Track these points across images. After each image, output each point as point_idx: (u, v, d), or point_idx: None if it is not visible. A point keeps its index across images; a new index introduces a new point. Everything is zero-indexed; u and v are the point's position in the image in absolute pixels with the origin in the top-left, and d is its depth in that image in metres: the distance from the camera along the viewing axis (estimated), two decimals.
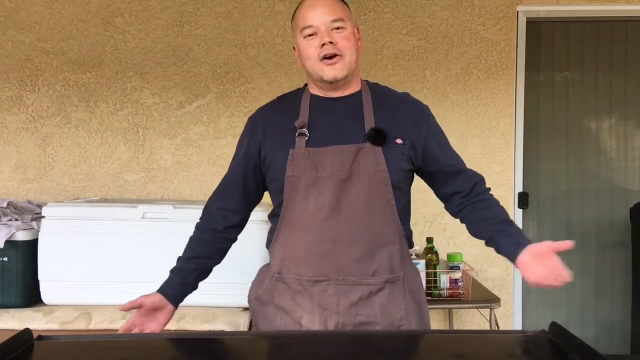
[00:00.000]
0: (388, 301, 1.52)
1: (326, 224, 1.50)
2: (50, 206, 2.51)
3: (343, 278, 1.51)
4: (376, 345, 1.20)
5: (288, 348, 1.18)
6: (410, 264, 1.62)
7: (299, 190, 1.52)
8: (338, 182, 1.49)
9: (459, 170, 1.60)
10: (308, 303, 1.54)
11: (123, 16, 3.15)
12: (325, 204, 1.50)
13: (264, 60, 3.16)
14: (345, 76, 1.53)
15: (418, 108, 1.60)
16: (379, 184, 1.49)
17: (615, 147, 3.34)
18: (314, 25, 1.51)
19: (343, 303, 1.51)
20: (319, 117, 1.56)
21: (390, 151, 1.50)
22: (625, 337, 3.30)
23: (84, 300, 2.46)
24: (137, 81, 3.15)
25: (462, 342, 1.20)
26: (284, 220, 1.56)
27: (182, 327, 2.31)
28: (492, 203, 1.58)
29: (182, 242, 2.46)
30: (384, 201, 1.51)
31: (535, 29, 3.29)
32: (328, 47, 1.49)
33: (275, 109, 1.65)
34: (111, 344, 1.16)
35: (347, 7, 1.58)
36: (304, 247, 1.53)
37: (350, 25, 1.54)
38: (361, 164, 1.49)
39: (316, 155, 1.50)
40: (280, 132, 1.56)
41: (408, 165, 1.54)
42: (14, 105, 3.14)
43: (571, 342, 1.06)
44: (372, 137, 1.49)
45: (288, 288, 1.57)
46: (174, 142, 3.16)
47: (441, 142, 1.60)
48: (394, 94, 1.63)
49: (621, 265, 3.32)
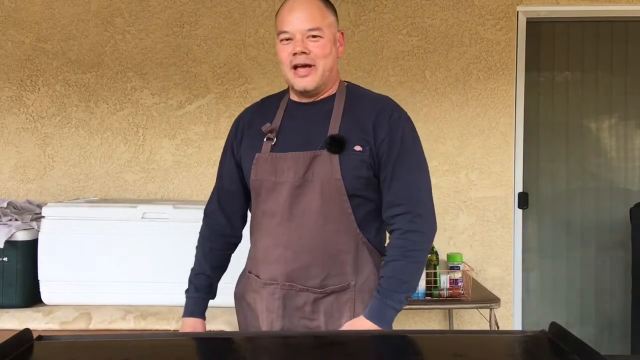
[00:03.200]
0: (333, 307, 1.52)
1: (279, 229, 1.51)
2: (50, 206, 2.51)
3: (290, 284, 1.52)
4: (375, 345, 1.20)
5: (288, 348, 1.18)
6: (372, 271, 1.53)
7: (260, 194, 1.55)
8: (292, 189, 1.49)
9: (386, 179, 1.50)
10: (261, 304, 1.57)
11: (123, 16, 3.15)
12: (280, 210, 1.51)
13: (264, 60, 3.16)
14: (316, 87, 1.52)
15: (387, 113, 1.52)
16: (332, 192, 1.47)
17: (615, 147, 3.34)
18: (289, 31, 1.49)
19: (288, 307, 1.52)
20: (289, 121, 1.57)
21: (348, 159, 1.47)
22: (625, 337, 3.30)
23: (84, 300, 2.46)
24: (137, 81, 3.15)
25: (462, 342, 1.20)
26: (252, 222, 1.62)
27: None
28: (393, 256, 1.48)
29: (182, 242, 2.47)
30: (339, 210, 1.48)
31: (535, 29, 3.29)
32: (300, 57, 1.48)
33: (256, 111, 1.67)
34: (111, 344, 1.16)
35: (330, 13, 1.54)
36: (261, 249, 1.57)
37: (330, 33, 1.51)
38: (315, 172, 1.48)
39: (277, 161, 1.52)
40: (253, 135, 1.59)
41: (367, 173, 1.49)
42: (14, 106, 3.14)
43: (571, 342, 1.06)
44: (329, 145, 1.47)
45: (251, 287, 1.62)
46: (173, 142, 3.16)
47: (397, 153, 1.49)
48: (368, 97, 1.59)
49: (621, 265, 3.32)
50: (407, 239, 1.47)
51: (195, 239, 2.47)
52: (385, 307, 1.44)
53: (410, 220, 1.47)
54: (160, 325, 2.33)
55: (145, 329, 2.31)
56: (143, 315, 2.37)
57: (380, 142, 1.49)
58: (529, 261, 3.33)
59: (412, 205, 1.48)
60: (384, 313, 1.44)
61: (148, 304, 2.46)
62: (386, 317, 1.44)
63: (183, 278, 2.47)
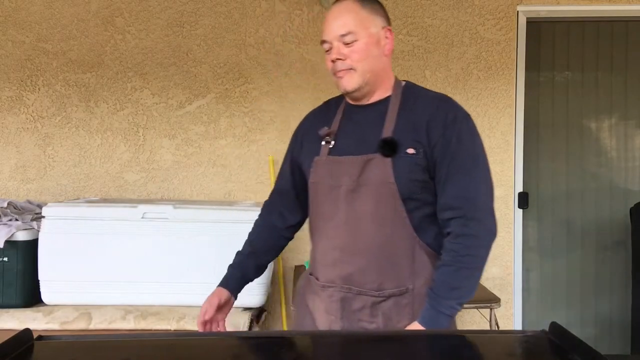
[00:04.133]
0: (392, 311, 1.50)
1: (335, 232, 1.52)
2: (50, 206, 2.51)
3: (348, 287, 1.51)
4: (374, 345, 1.20)
5: (288, 348, 1.18)
6: (431, 275, 1.49)
7: (318, 197, 1.57)
8: (347, 193, 1.50)
9: (440, 181, 1.47)
10: (320, 305, 1.58)
11: (123, 16, 3.15)
12: (336, 213, 1.52)
13: (264, 60, 3.16)
14: (358, 88, 1.52)
15: (442, 112, 1.48)
16: (386, 196, 1.46)
17: (615, 147, 3.34)
18: (327, 40, 1.52)
19: (347, 310, 1.52)
20: (346, 125, 1.58)
21: (401, 162, 1.45)
22: (625, 337, 3.31)
23: (84, 300, 2.46)
24: (137, 81, 3.15)
25: (462, 342, 1.20)
26: (310, 224, 1.65)
27: (182, 327, 2.31)
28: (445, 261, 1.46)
29: (182, 242, 2.48)
30: (393, 213, 1.46)
31: (535, 29, 3.29)
32: (337, 63, 1.51)
33: (317, 115, 1.69)
34: (111, 344, 1.16)
35: (368, 13, 1.51)
36: (319, 251, 1.58)
37: (366, 35, 1.49)
38: (369, 176, 1.47)
39: (333, 164, 1.53)
40: (313, 139, 1.60)
41: (423, 175, 1.46)
42: (14, 105, 3.15)
43: (571, 342, 1.06)
44: (381, 148, 1.46)
45: (311, 288, 1.63)
46: (174, 142, 3.16)
47: (452, 155, 1.45)
48: (424, 97, 1.55)
49: (621, 265, 3.32)
50: (459, 244, 1.43)
51: (195, 238, 2.48)
52: (436, 313, 1.41)
53: (463, 224, 1.43)
54: (160, 325, 2.33)
55: (145, 329, 2.31)
56: (143, 315, 2.37)
57: (435, 144, 1.45)
58: (529, 261, 3.33)
59: (466, 208, 1.44)
60: (435, 319, 1.41)
61: (148, 304, 2.46)
62: (438, 323, 1.40)
63: (183, 278, 2.48)
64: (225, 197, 3.16)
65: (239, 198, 3.16)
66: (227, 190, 3.16)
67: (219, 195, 3.16)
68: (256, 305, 2.54)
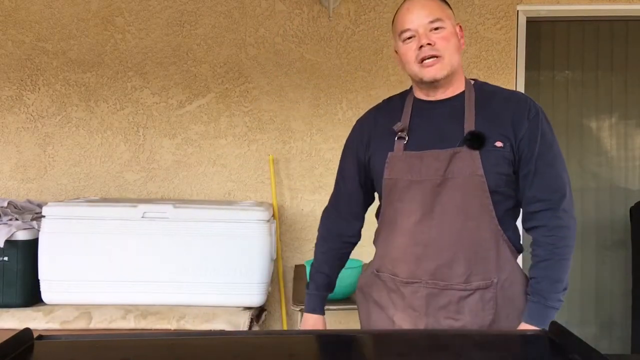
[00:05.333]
0: (477, 307, 1.50)
1: (419, 227, 1.51)
2: (50, 206, 2.51)
3: (434, 282, 1.51)
4: (372, 345, 1.20)
5: (288, 348, 1.18)
6: (513, 269, 1.53)
7: (395, 193, 1.55)
8: (432, 187, 1.49)
9: (529, 173, 1.48)
10: (401, 302, 1.56)
11: (123, 16, 3.15)
12: (419, 208, 1.51)
13: (264, 59, 3.16)
14: (446, 76, 1.51)
15: (523, 107, 1.51)
16: (474, 189, 1.46)
17: (615, 146, 3.34)
18: (411, 29, 1.51)
19: (432, 306, 1.52)
20: (419, 120, 1.57)
21: (489, 155, 1.46)
22: (625, 337, 3.31)
23: (84, 300, 2.47)
24: (137, 81, 3.15)
25: (462, 342, 1.20)
26: (384, 221, 1.61)
27: (182, 327, 2.31)
28: (542, 256, 1.48)
29: (183, 241, 2.48)
30: (480, 207, 1.47)
31: (536, 28, 3.29)
32: (426, 48, 1.49)
33: (381, 111, 1.67)
34: (111, 344, 1.16)
35: (447, 6, 1.55)
36: (399, 248, 1.56)
37: (451, 24, 1.52)
38: (456, 169, 1.47)
39: (412, 159, 1.52)
40: (382, 135, 1.59)
41: (509, 169, 1.48)
42: (14, 105, 3.14)
43: (571, 342, 1.06)
44: (469, 141, 1.46)
45: (384, 285, 1.61)
46: (174, 141, 3.16)
47: (538, 149, 1.48)
48: (500, 93, 1.58)
49: (621, 265, 3.32)
50: (555, 236, 1.46)
51: (195, 238, 2.49)
52: (544, 309, 1.43)
53: (554, 215, 1.46)
54: (160, 325, 2.33)
55: (145, 328, 2.31)
56: (143, 315, 2.37)
57: (521, 139, 1.47)
58: (529, 261, 3.32)
59: (556, 200, 1.47)
60: (544, 315, 1.42)
61: (148, 304, 2.47)
62: (548, 318, 1.40)
63: (183, 278, 2.48)
64: (225, 196, 3.16)
65: (239, 197, 3.16)
66: (227, 190, 3.16)
67: (219, 194, 3.16)
68: (256, 305, 2.54)
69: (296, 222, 3.16)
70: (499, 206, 1.49)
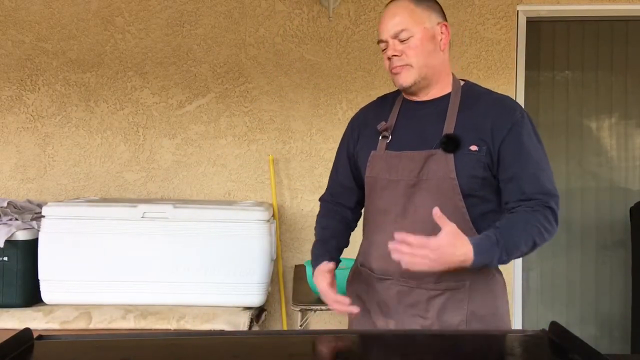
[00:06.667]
0: (446, 307, 1.51)
1: (393, 226, 1.51)
2: (50, 206, 2.51)
3: (405, 280, 1.52)
4: (372, 346, 1.20)
5: (288, 348, 1.18)
6: (488, 272, 1.53)
7: (375, 191, 1.58)
8: (406, 187, 1.51)
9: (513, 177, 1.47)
10: (375, 297, 1.59)
11: (123, 16, 3.15)
12: (393, 207, 1.53)
13: (264, 59, 3.16)
14: (414, 83, 1.53)
15: (507, 111, 1.51)
16: (447, 191, 1.48)
17: (615, 146, 3.34)
18: (383, 39, 1.55)
19: (403, 303, 1.53)
20: (404, 120, 1.59)
21: (463, 158, 1.47)
22: (625, 337, 3.30)
23: (84, 300, 2.47)
24: (137, 81, 3.15)
25: (462, 342, 1.20)
26: (367, 217, 1.66)
27: (182, 327, 2.31)
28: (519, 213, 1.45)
29: (182, 241, 2.48)
30: (454, 209, 1.47)
31: (536, 28, 3.28)
32: (393, 59, 1.53)
33: (372, 109, 1.70)
34: (111, 344, 1.16)
35: (422, 9, 1.53)
36: (376, 244, 1.58)
37: (421, 30, 1.51)
38: (430, 171, 1.49)
39: (392, 159, 1.54)
40: (369, 133, 1.62)
41: (484, 173, 1.48)
42: (14, 105, 3.14)
43: (571, 341, 1.06)
44: (444, 144, 1.48)
45: (364, 279, 1.64)
46: (174, 141, 3.16)
47: (521, 153, 1.48)
48: (487, 96, 1.58)
49: (621, 265, 3.32)
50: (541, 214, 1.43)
51: (195, 238, 2.49)
52: (493, 248, 1.36)
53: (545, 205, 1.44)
54: (160, 325, 2.33)
55: (145, 328, 2.31)
56: (143, 314, 2.37)
57: (501, 143, 1.47)
58: (529, 261, 3.33)
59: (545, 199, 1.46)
60: (489, 253, 1.36)
61: (148, 304, 2.47)
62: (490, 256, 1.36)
63: (183, 278, 2.48)
64: (225, 196, 3.16)
65: (239, 197, 3.16)
66: (227, 190, 3.16)
67: (219, 194, 3.16)
68: (256, 304, 2.54)
69: (296, 222, 3.16)
70: (474, 209, 1.50)
